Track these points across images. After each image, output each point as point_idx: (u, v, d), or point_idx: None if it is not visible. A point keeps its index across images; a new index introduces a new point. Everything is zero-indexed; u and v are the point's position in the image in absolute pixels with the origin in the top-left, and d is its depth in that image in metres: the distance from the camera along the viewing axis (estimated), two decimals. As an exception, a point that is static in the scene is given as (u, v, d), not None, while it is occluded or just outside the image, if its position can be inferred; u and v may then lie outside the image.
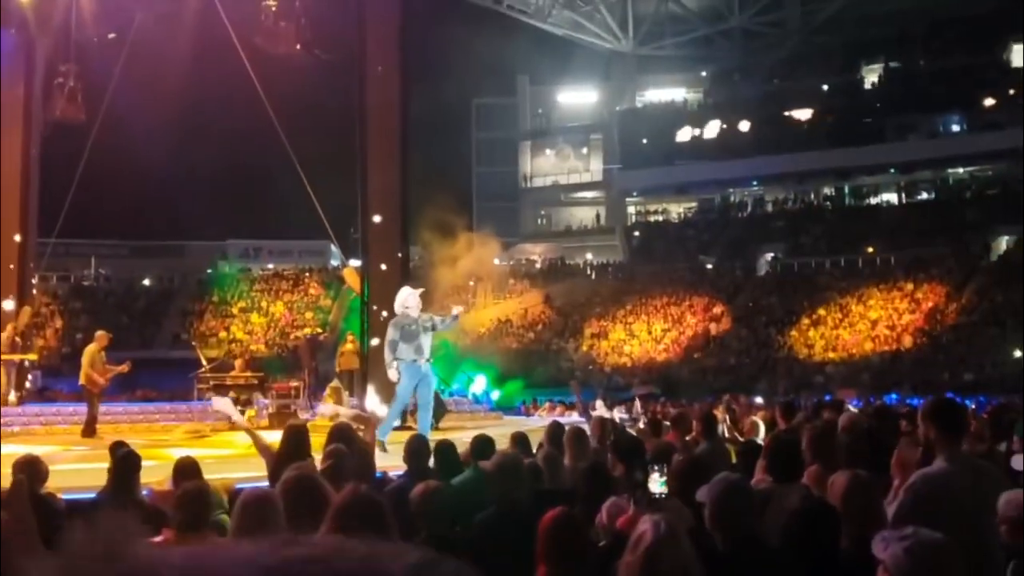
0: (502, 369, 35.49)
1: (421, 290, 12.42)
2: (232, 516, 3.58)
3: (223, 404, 8.82)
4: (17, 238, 19.44)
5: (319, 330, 29.97)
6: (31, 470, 5.46)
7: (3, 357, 17.08)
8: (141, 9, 20.41)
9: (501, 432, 13.28)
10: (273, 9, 17.63)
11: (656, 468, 3.30)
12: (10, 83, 19.89)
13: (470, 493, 5.05)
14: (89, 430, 14.84)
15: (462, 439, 11.75)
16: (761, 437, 10.81)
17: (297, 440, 6.25)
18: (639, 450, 6.48)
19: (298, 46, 17.91)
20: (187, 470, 5.72)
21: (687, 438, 7.52)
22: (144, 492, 6.09)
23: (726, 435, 11.62)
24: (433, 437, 9.15)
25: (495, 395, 31.91)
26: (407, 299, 11.87)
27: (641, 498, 3.35)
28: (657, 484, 3.29)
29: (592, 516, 4.22)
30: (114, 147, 23.97)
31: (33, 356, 19.60)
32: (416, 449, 6.20)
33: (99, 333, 15.78)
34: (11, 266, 19.22)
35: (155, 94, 24.90)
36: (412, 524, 4.21)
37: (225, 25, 18.66)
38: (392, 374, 11.64)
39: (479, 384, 31.90)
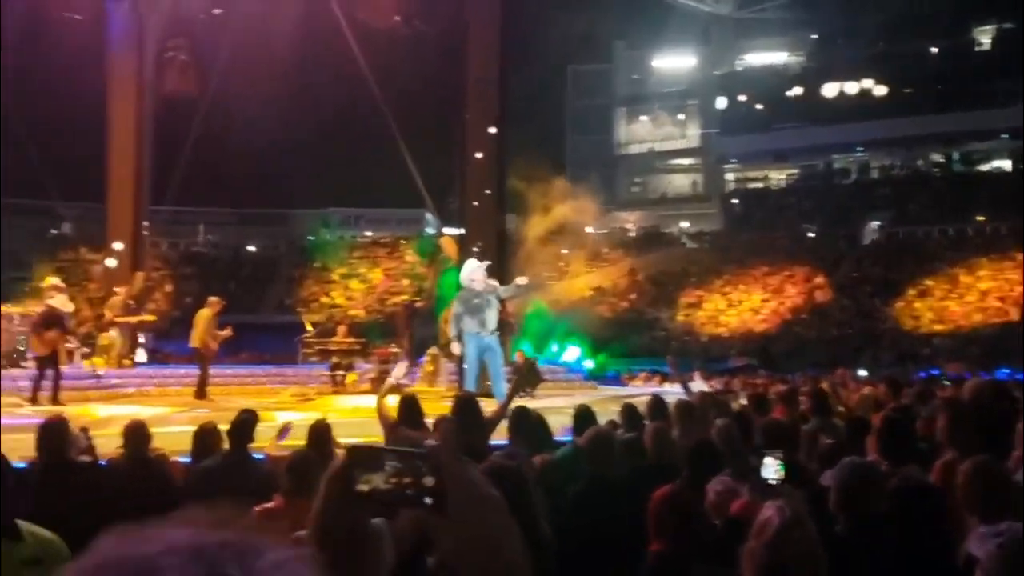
0: (596, 338, 35.48)
1: (487, 263, 12.59)
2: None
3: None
4: (127, 204, 20.15)
5: (415, 297, 30.27)
6: (136, 434, 5.68)
7: (118, 319, 17.77)
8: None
9: (596, 401, 13.36)
10: (375, -19, 17.81)
11: (770, 453, 3.29)
12: (121, 55, 20.57)
13: (570, 466, 5.11)
14: (201, 392, 15.41)
15: (558, 407, 11.91)
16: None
17: (409, 409, 6.40)
18: (747, 429, 6.46)
19: (398, 18, 18.06)
20: (321, 434, 5.87)
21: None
22: (259, 456, 6.28)
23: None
24: (529, 405, 9.28)
25: (588, 364, 31.96)
26: (472, 272, 12.13)
27: (757, 483, 3.35)
28: (772, 471, 3.27)
29: (699, 494, 4.23)
30: (221, 118, 24.63)
31: (152, 317, 20.36)
32: (519, 421, 6.28)
33: (212, 299, 16.30)
34: (126, 231, 19.96)
35: (260, 66, 25.39)
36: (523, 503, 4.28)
37: (328, -2, 18.97)
38: (455, 347, 11.95)
39: (572, 353, 32.00)
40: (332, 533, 1.56)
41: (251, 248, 53.51)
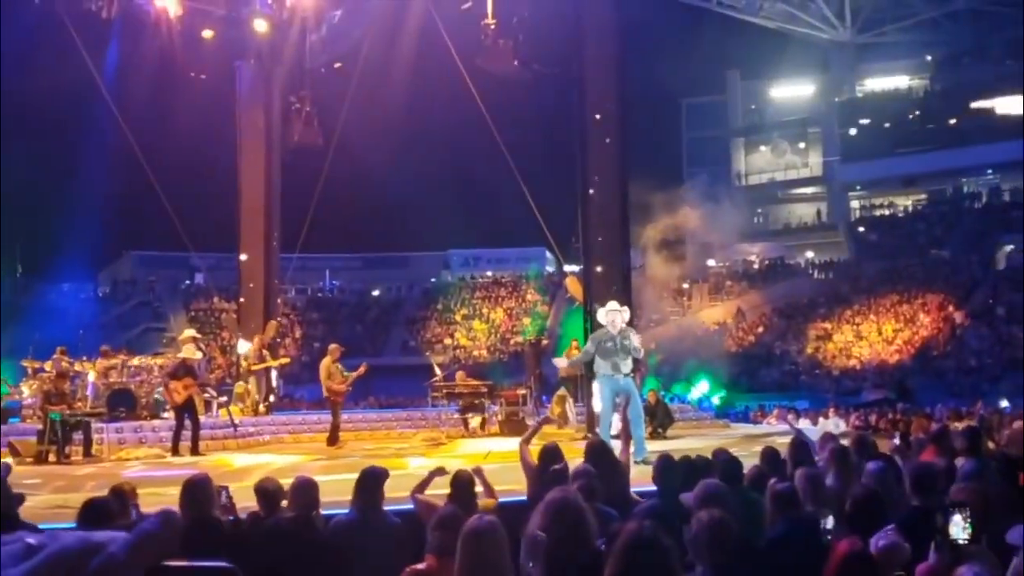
0: (722, 373, 34.83)
1: (626, 309, 12.44)
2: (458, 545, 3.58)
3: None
4: (259, 254, 20.74)
5: (541, 336, 30.40)
6: (305, 493, 5.66)
7: (253, 368, 18.23)
8: (367, 36, 21.36)
9: (731, 441, 13.00)
10: (492, 28, 17.99)
11: (957, 509, 3.03)
12: (249, 110, 21.32)
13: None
14: (333, 438, 15.65)
15: (694, 448, 11.61)
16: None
17: (550, 456, 6.30)
18: (897, 473, 6.13)
19: (516, 62, 18.19)
20: (465, 485, 5.79)
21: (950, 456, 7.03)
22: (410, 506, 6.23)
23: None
24: (660, 448, 9.07)
25: (716, 400, 31.35)
26: (609, 314, 12.06)
27: (943, 544, 3.09)
28: (960, 528, 3.01)
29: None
30: (346, 167, 25.21)
31: (286, 360, 20.82)
32: (663, 467, 6.11)
33: (331, 346, 16.57)
34: (258, 281, 20.54)
35: (381, 114, 25.99)
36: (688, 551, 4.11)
37: (446, 46, 19.26)
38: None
39: (700, 389, 31.44)
40: None
41: (375, 292, 54.63)
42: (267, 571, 4.89)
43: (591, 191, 17.27)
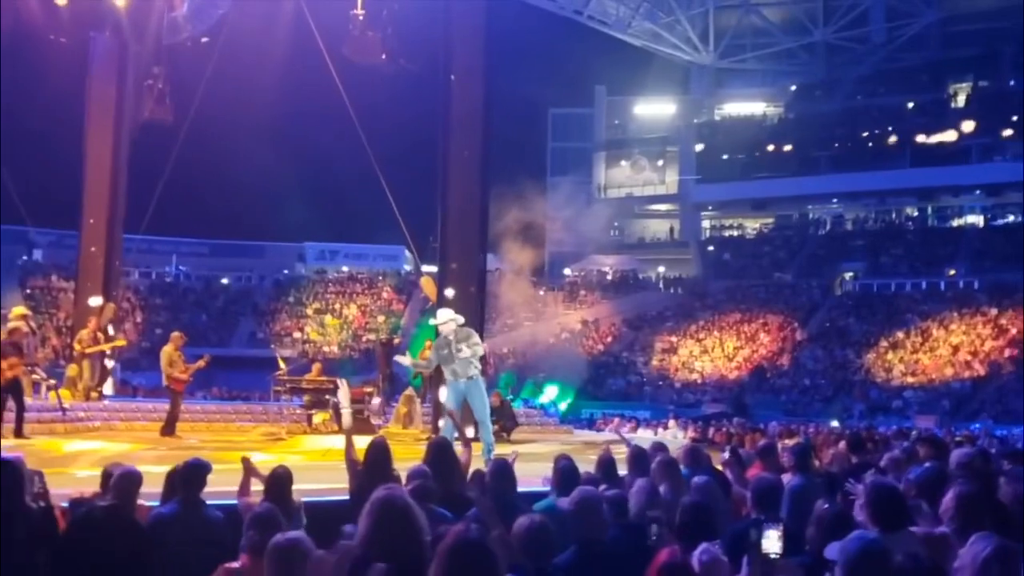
0: (570, 381, 35.38)
1: (460, 319, 12.53)
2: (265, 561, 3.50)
3: (343, 396, 8.83)
4: (101, 232, 19.84)
5: (393, 335, 30.18)
6: (126, 483, 5.41)
7: (88, 351, 17.41)
8: (232, 16, 20.76)
9: (572, 448, 13.17)
10: (361, 19, 17.75)
11: (771, 524, 3.10)
12: (101, 83, 20.37)
13: (555, 528, 4.90)
14: (169, 428, 15.07)
15: (535, 453, 11.72)
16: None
17: (378, 454, 6.20)
18: (726, 486, 6.30)
19: (383, 56, 18.00)
20: (281, 482, 5.65)
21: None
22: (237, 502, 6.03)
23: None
24: (501, 451, 9.11)
25: (563, 406, 31.81)
26: (444, 324, 12.18)
27: (754, 559, 3.16)
28: (774, 543, 3.08)
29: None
30: (200, 148, 24.43)
31: (122, 342, 19.95)
32: (499, 472, 6.09)
33: (174, 334, 16.00)
34: (99, 261, 19.65)
35: (242, 98, 25.33)
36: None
37: (313, 34, 18.89)
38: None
39: (549, 394, 31.80)
40: None
41: (224, 280, 53.12)
42: (79, 560, 4.64)
43: (450, 192, 17.20)
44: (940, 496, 4.61)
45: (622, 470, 7.16)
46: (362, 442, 12.61)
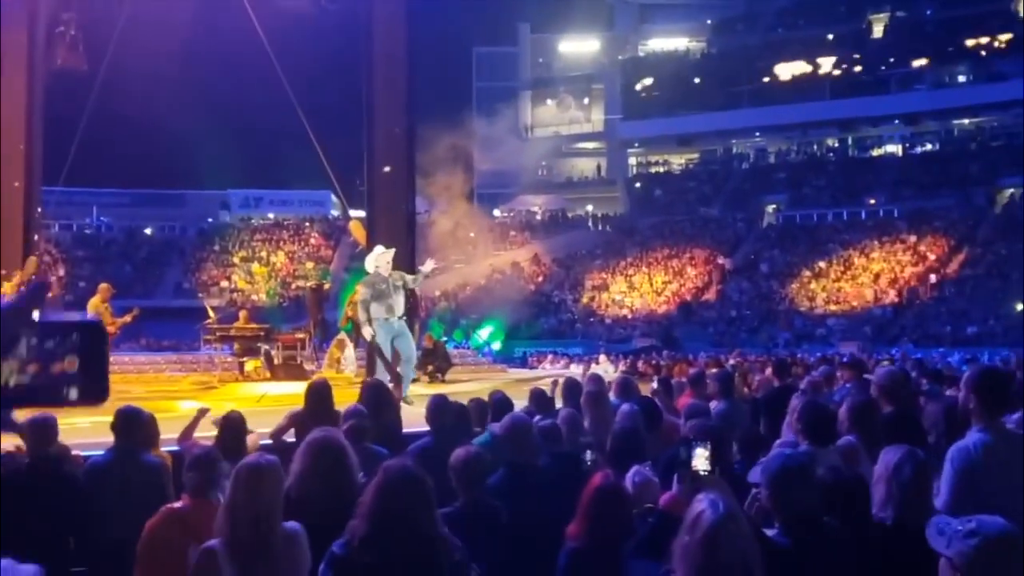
0: (503, 321, 35.59)
1: (393, 250, 12.48)
2: (230, 483, 3.52)
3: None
4: (18, 185, 19.29)
5: (323, 281, 29.91)
6: (41, 433, 5.38)
7: (9, 307, 17.06)
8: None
9: (506, 384, 13.35)
10: (280, -43, 17.37)
11: (700, 443, 3.25)
12: (11, 30, 19.61)
13: (490, 455, 5.03)
14: (98, 381, 14.89)
15: (469, 391, 11.87)
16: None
17: (319, 397, 6.25)
18: (658, 415, 6.50)
19: (303, -5, 17.66)
20: (235, 426, 5.65)
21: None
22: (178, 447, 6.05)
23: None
24: (439, 391, 9.22)
25: (496, 346, 32.06)
26: (378, 259, 12.04)
27: (684, 475, 3.32)
28: (703, 461, 3.24)
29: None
30: (117, 96, 23.77)
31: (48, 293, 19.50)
32: (438, 408, 6.20)
33: (102, 285, 15.73)
34: (17, 214, 19.13)
35: (159, 42, 24.59)
36: (448, 486, 4.22)
37: (229, -28, 18.43)
38: (366, 331, 11.96)
39: (483, 335, 31.98)
40: None
41: (147, 230, 52.06)
42: (13, 512, 4.64)
43: (376, 135, 17.07)
44: (865, 416, 4.84)
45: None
46: (297, 387, 12.65)
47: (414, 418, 7.64)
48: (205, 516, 3.82)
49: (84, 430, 8.25)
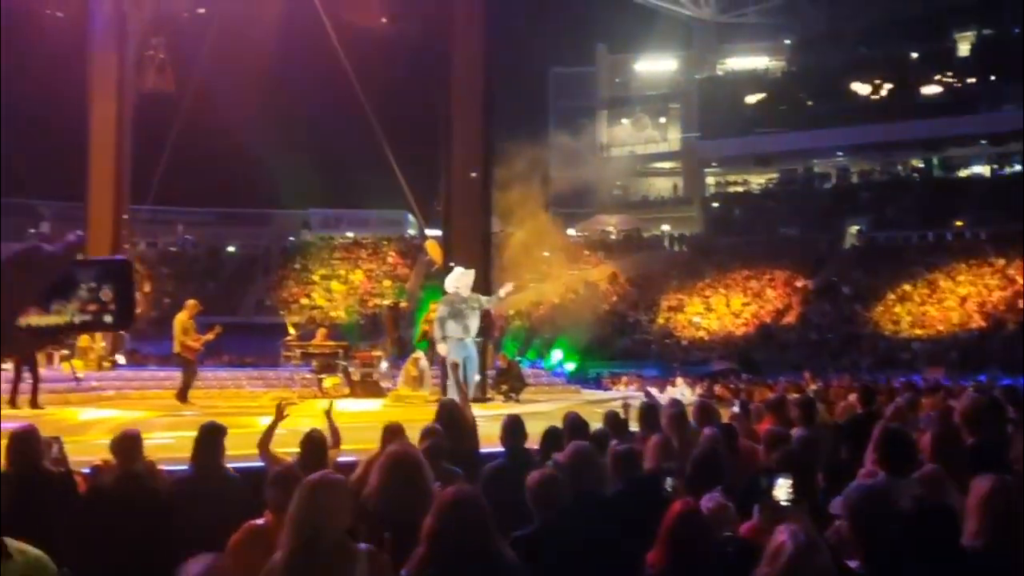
0: (577, 342, 35.48)
1: (472, 272, 12.63)
2: (293, 499, 3.55)
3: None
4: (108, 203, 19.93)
5: (399, 299, 30.26)
6: (127, 445, 5.52)
7: (98, 322, 17.54)
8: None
9: (580, 406, 13.29)
10: (361, -19, 17.70)
11: (781, 473, 3.19)
12: (103, 53, 20.37)
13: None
14: (183, 395, 15.24)
15: (543, 412, 11.84)
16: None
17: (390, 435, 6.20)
18: (733, 440, 6.39)
19: (384, 19, 17.94)
20: (317, 444, 5.70)
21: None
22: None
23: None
24: (513, 411, 9.22)
25: (570, 367, 31.96)
26: (458, 279, 12.22)
27: (765, 505, 3.25)
28: (784, 491, 3.17)
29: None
30: (202, 117, 24.40)
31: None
32: (512, 428, 6.20)
33: (189, 302, 16.12)
34: (106, 232, 19.75)
35: (242, 65, 25.21)
36: (523, 509, 4.21)
37: (312, -2, 18.83)
38: (441, 348, 12.12)
39: (555, 356, 31.93)
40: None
41: (231, 248, 53.20)
42: (101, 525, 4.76)
43: (453, 155, 17.24)
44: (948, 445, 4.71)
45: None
46: (374, 404, 12.77)
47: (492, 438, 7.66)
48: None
49: (168, 446, 8.45)
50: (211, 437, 5.52)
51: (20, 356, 13.53)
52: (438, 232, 20.47)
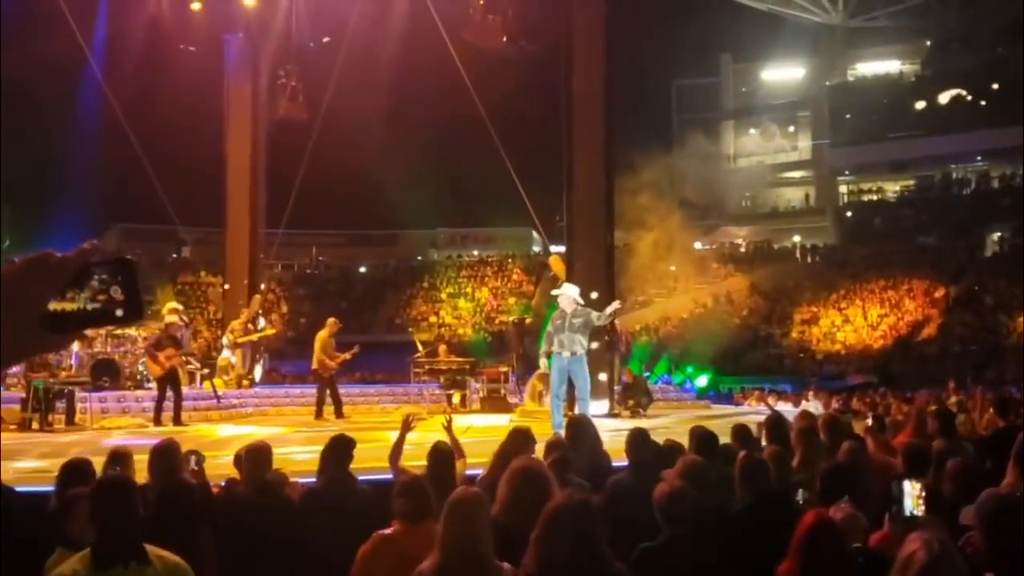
0: (707, 356, 34.97)
1: (568, 286, 12.74)
2: (442, 515, 3.63)
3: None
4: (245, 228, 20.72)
5: (525, 315, 30.45)
6: (257, 457, 5.72)
7: (239, 340, 18.22)
8: (355, 11, 21.29)
9: (707, 420, 13.09)
10: (481, 3, 17.95)
11: (912, 482, 3.08)
12: (237, 84, 21.27)
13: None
14: (319, 412, 15.69)
15: (667, 426, 11.73)
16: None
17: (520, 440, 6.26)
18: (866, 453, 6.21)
19: (504, 39, 18.16)
20: (443, 456, 5.82)
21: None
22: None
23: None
24: (638, 425, 9.16)
25: (701, 382, 31.51)
26: (560, 294, 12.35)
27: (897, 514, 3.15)
28: (914, 500, 3.06)
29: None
30: (331, 142, 25.17)
31: (272, 330, 20.77)
32: (637, 441, 6.16)
33: (330, 320, 16.57)
34: (244, 256, 20.54)
35: (369, 91, 25.95)
36: (648, 522, 4.19)
37: (435, 21, 19.20)
38: (543, 362, 12.29)
39: (684, 370, 31.54)
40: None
41: (361, 269, 54.58)
42: (236, 536, 4.94)
43: (575, 171, 17.26)
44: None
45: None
46: (501, 420, 12.90)
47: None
48: (415, 541, 3.96)
49: (304, 461, 8.71)
50: (339, 449, 5.67)
51: (158, 375, 14.14)
52: (562, 248, 20.51)
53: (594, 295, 14.87)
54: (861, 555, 3.50)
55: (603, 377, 16.03)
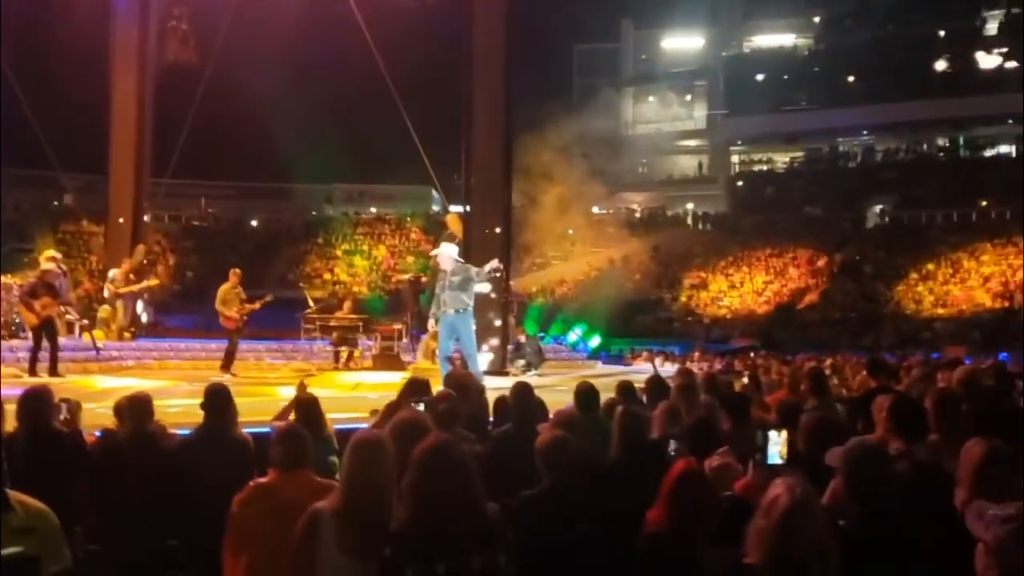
0: (600, 319, 35.48)
1: (454, 248, 12.92)
2: (343, 457, 3.63)
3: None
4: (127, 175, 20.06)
5: (421, 274, 30.33)
6: (137, 408, 5.61)
7: (120, 292, 17.68)
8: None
9: (596, 379, 13.31)
10: (382, -47, 17.65)
11: (777, 430, 3.20)
12: (124, 26, 20.43)
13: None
14: (226, 364, 15.36)
15: (555, 384, 11.91)
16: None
17: (416, 390, 6.29)
18: (746, 407, 6.41)
19: (405, -10, 17.91)
20: (310, 406, 5.81)
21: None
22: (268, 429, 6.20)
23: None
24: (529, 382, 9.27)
25: (593, 343, 31.99)
26: (439, 253, 12.51)
27: (761, 462, 3.27)
28: (777, 450, 3.19)
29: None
30: (224, 90, 24.47)
31: (155, 281, 20.17)
32: (520, 394, 6.22)
33: (233, 271, 16.17)
34: (128, 204, 19.90)
35: (265, 38, 25.27)
36: (532, 472, 4.25)
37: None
38: (431, 323, 12.76)
39: (577, 331, 31.98)
40: None
41: (253, 222, 53.44)
42: (109, 485, 4.83)
43: (474, 130, 17.21)
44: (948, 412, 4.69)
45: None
46: (393, 377, 12.89)
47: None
48: (290, 488, 3.93)
49: (185, 411, 8.56)
50: (216, 399, 5.58)
51: (33, 323, 13.68)
52: (460, 207, 20.46)
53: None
54: (727, 501, 3.63)
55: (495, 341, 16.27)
